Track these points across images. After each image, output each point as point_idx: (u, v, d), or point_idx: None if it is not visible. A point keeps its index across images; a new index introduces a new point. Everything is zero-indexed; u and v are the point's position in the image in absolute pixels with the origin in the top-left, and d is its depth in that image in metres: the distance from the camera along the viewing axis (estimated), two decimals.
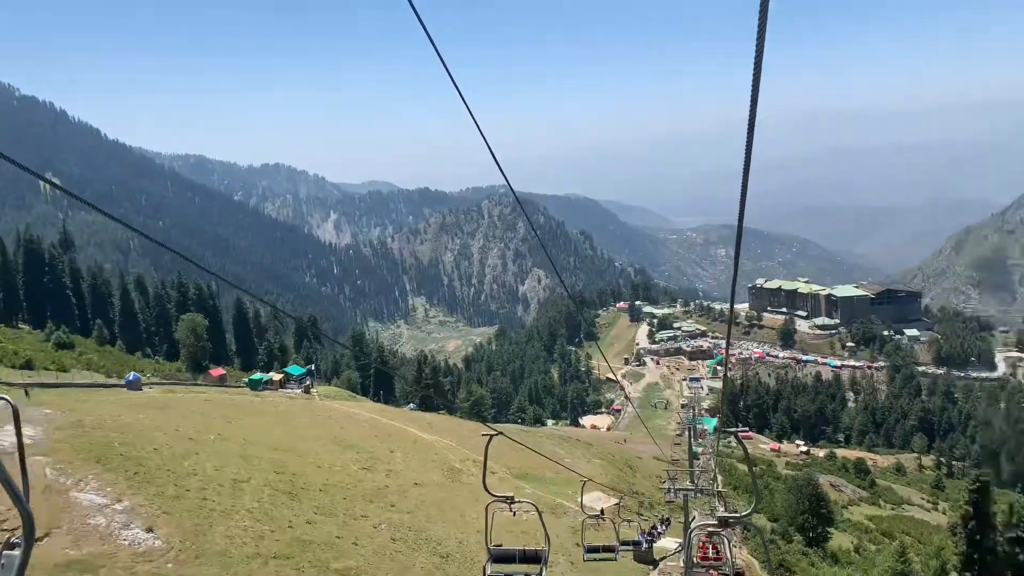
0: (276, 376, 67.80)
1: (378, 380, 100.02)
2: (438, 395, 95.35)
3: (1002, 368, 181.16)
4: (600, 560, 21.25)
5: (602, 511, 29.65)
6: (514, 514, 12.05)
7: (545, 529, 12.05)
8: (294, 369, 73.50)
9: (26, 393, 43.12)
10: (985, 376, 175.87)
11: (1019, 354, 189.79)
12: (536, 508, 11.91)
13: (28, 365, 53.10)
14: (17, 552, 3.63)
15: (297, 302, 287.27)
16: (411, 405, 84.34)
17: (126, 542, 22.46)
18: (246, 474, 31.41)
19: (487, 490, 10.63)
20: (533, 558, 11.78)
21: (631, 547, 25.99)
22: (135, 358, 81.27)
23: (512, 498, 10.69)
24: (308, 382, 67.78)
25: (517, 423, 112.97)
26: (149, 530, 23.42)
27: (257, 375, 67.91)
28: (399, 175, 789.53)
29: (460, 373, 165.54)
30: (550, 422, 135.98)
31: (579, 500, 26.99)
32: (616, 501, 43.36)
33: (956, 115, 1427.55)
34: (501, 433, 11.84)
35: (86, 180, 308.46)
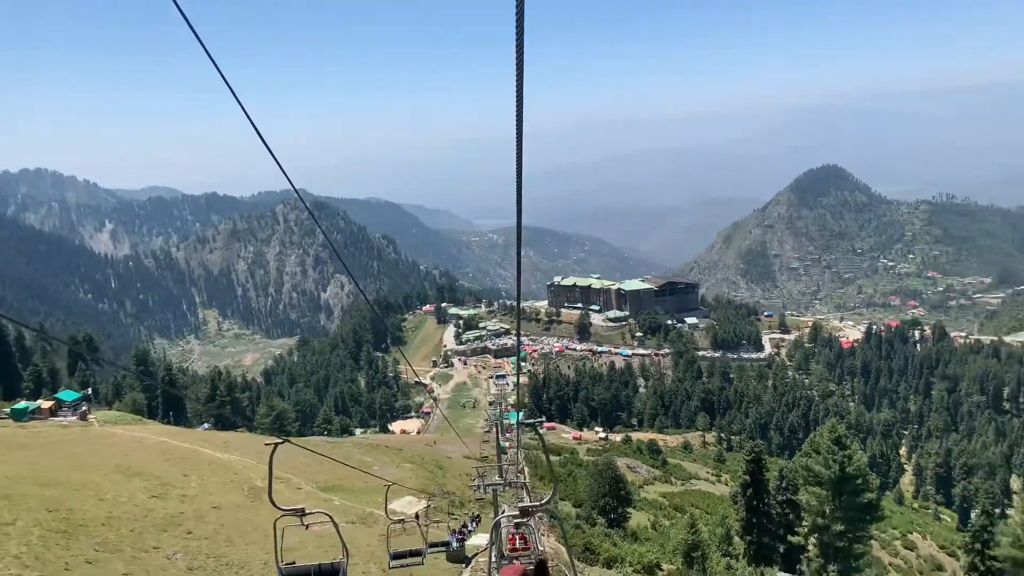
0: (45, 404, 60.48)
1: (167, 401, 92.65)
2: (235, 412, 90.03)
3: (768, 348, 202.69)
4: (407, 565, 20.84)
5: (415, 515, 29.41)
6: (307, 527, 11.01)
7: (342, 540, 11.37)
8: (67, 395, 65.97)
9: None
10: (754, 356, 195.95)
11: (780, 335, 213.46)
12: (331, 517, 11.19)
13: None
14: None
15: (69, 321, 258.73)
16: (205, 425, 79.01)
17: None
18: (10, 516, 27.74)
19: (273, 504, 10.06)
20: (329, 572, 11.20)
21: (441, 548, 25.89)
22: None
23: (303, 510, 10.10)
24: (84, 408, 61.13)
25: (323, 435, 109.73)
26: None
27: (21, 404, 60.21)
28: (183, 180, 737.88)
29: (259, 388, 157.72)
30: (358, 431, 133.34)
31: (385, 507, 26.48)
32: (427, 504, 43.26)
33: (718, 122, 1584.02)
34: (286, 440, 11.26)
35: None
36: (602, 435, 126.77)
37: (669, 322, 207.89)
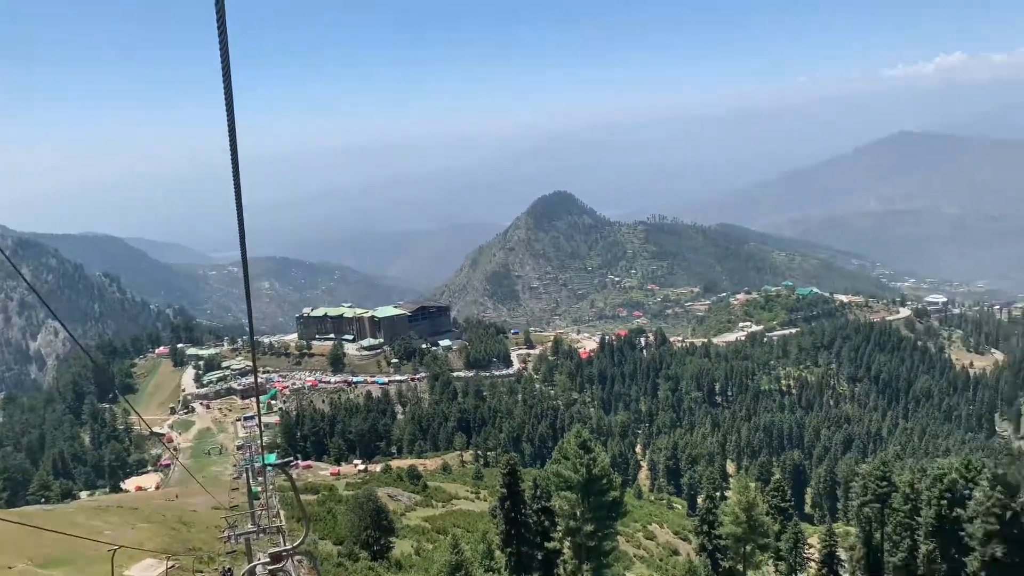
0: None
1: None
2: None
3: (516, 364, 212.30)
4: None
5: None
6: None
7: None
8: None
9: None
10: (505, 373, 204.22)
11: (527, 351, 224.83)
12: None
13: None
14: None
15: None
16: None
17: None
18: None
19: None
20: None
21: None
22: None
23: None
24: None
25: (40, 503, 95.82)
26: None
27: None
28: None
29: None
30: (84, 493, 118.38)
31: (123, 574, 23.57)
32: (171, 564, 39.45)
33: (462, 149, 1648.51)
34: (121, 547, 10.25)
35: None
36: (361, 467, 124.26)
37: (424, 346, 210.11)
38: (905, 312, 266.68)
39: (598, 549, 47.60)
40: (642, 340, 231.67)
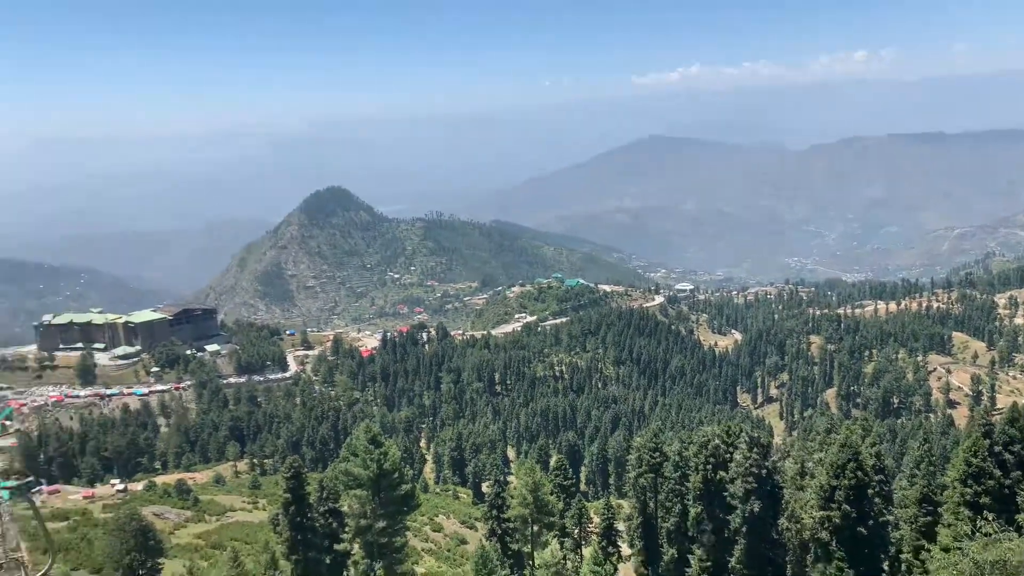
0: None
1: None
2: None
3: (293, 367, 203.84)
4: None
5: None
6: None
7: None
8: None
9: None
10: (281, 376, 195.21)
11: (305, 352, 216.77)
12: None
13: None
14: None
15: None
16: None
17: None
18: None
19: None
20: None
21: None
22: None
23: None
24: None
25: None
26: None
27: None
28: None
29: None
30: None
31: None
32: None
33: (206, 143, 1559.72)
34: None
35: None
36: (120, 487, 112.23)
37: (188, 352, 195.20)
38: (660, 299, 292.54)
39: (390, 545, 46.51)
40: (424, 335, 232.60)
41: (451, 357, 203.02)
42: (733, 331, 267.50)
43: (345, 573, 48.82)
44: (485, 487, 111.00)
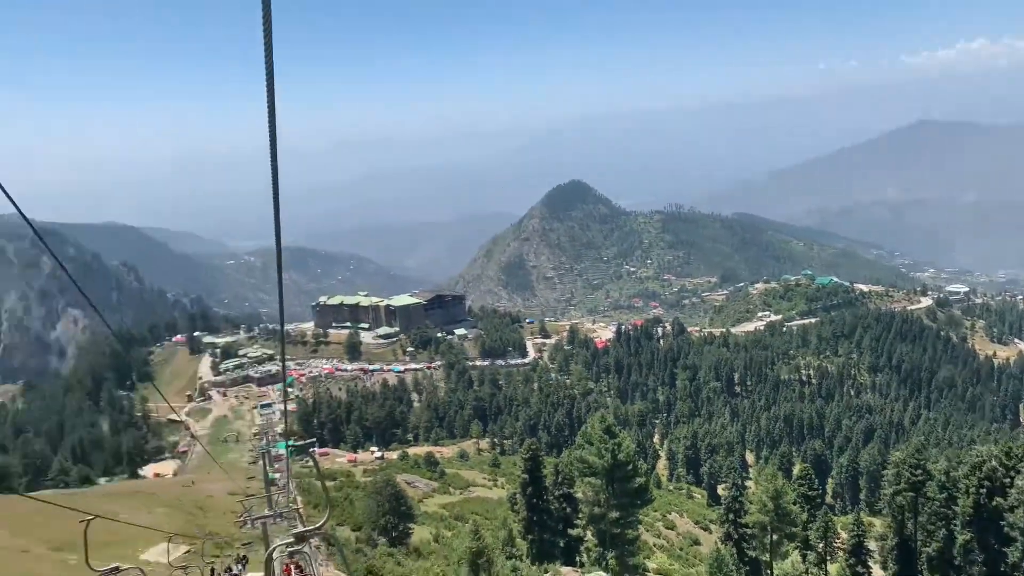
0: None
1: None
2: None
3: (532, 353, 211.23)
4: None
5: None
6: None
7: None
8: None
9: None
10: (520, 362, 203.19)
11: (542, 340, 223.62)
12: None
13: None
14: None
15: None
16: None
17: None
18: None
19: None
20: None
21: None
22: None
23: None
24: None
25: (60, 487, 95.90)
26: None
27: None
28: None
29: None
30: (103, 479, 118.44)
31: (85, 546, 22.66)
32: (186, 549, 38.70)
33: (471, 142, 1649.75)
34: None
35: None
36: (378, 454, 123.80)
37: (439, 335, 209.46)
38: (926, 302, 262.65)
39: (622, 537, 46.45)
40: (659, 330, 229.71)
41: (687, 353, 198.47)
42: (1017, 340, 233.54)
43: (577, 558, 49.66)
44: (721, 489, 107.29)
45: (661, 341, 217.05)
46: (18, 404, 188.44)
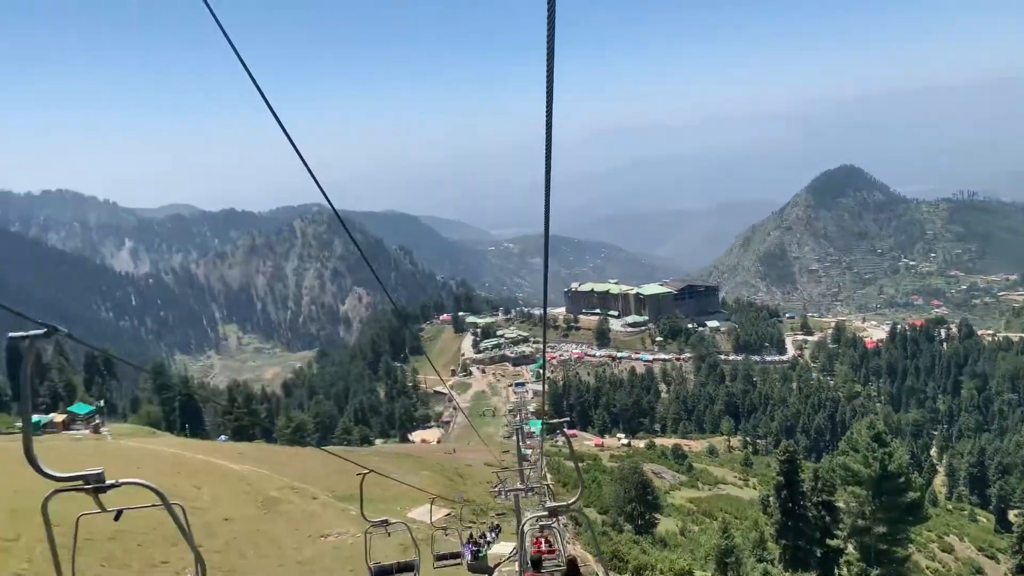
0: (58, 417, 59.71)
1: (184, 414, 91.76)
2: (253, 424, 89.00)
3: (791, 350, 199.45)
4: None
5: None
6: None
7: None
8: (80, 408, 65.19)
9: None
10: (777, 359, 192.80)
11: (803, 337, 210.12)
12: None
13: None
14: None
15: (90, 339, 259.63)
16: (223, 437, 77.93)
17: None
18: (14, 531, 26.42)
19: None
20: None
21: (447, 561, 23.18)
22: None
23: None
24: (97, 421, 60.26)
25: (343, 445, 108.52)
26: None
27: (35, 418, 59.46)
28: (201, 197, 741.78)
29: (279, 400, 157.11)
30: (378, 441, 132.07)
31: (361, 501, 24.80)
32: (447, 512, 41.72)
33: (731, 127, 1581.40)
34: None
35: None
36: (624, 441, 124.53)
37: (689, 326, 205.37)
38: None
39: (890, 554, 42.38)
40: (942, 332, 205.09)
41: (976, 360, 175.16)
42: None
43: (836, 571, 46.23)
44: (1013, 516, 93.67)
45: (944, 344, 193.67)
46: (313, 368, 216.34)
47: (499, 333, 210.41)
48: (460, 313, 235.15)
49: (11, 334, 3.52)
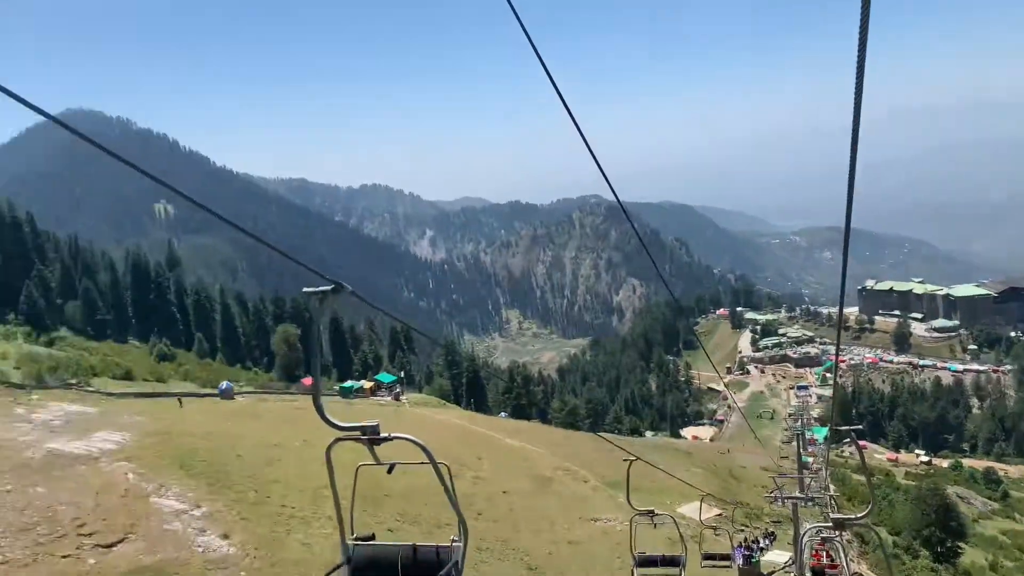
0: (367, 384, 67.92)
1: (470, 389, 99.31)
2: (530, 404, 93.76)
3: None
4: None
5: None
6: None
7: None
8: (384, 377, 73.55)
9: (179, 403, 44.17)
10: None
11: None
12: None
13: (128, 376, 54.80)
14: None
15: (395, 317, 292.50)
16: (503, 414, 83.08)
17: (200, 549, 21.73)
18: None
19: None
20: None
21: (716, 562, 22.29)
22: (235, 369, 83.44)
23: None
24: (398, 389, 67.53)
25: (613, 433, 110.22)
26: (225, 537, 22.70)
27: (348, 383, 68.25)
28: (490, 190, 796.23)
29: (554, 383, 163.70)
30: (648, 433, 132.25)
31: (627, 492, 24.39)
32: (718, 512, 40.61)
33: None
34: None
35: (196, 206, 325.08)
36: (924, 458, 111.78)
37: (1012, 334, 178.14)
38: None
39: None
40: None
41: None
42: None
43: None
44: None
45: None
46: (586, 356, 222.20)
47: (780, 331, 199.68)
48: (738, 308, 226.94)
49: (305, 289, 3.88)
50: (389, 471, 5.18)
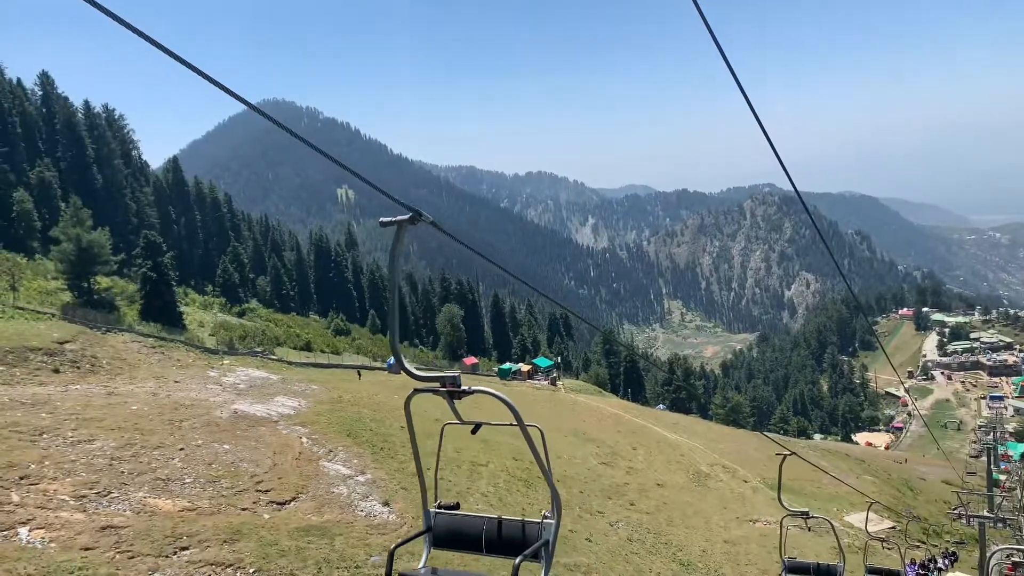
0: (524, 367, 68.98)
1: (627, 378, 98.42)
2: (689, 398, 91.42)
3: None
4: None
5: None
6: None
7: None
8: (541, 361, 74.38)
9: (359, 375, 47.59)
10: None
11: None
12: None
13: (307, 347, 59.03)
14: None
15: (553, 303, 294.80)
16: (661, 406, 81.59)
17: (363, 513, 22.93)
18: (484, 458, 31.36)
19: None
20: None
21: None
22: (403, 346, 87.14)
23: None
24: (555, 374, 68.07)
25: (779, 434, 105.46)
26: (385, 504, 23.80)
27: (507, 365, 69.64)
28: (657, 178, 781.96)
29: (716, 378, 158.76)
30: (817, 436, 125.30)
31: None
32: (891, 525, 37.79)
33: None
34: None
35: (374, 191, 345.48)
36: None
37: None
38: None
39: None
40: None
41: None
42: None
43: None
44: None
45: None
46: (753, 352, 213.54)
47: (973, 335, 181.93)
48: (924, 309, 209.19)
49: (381, 219, 3.67)
50: (474, 431, 4.89)
